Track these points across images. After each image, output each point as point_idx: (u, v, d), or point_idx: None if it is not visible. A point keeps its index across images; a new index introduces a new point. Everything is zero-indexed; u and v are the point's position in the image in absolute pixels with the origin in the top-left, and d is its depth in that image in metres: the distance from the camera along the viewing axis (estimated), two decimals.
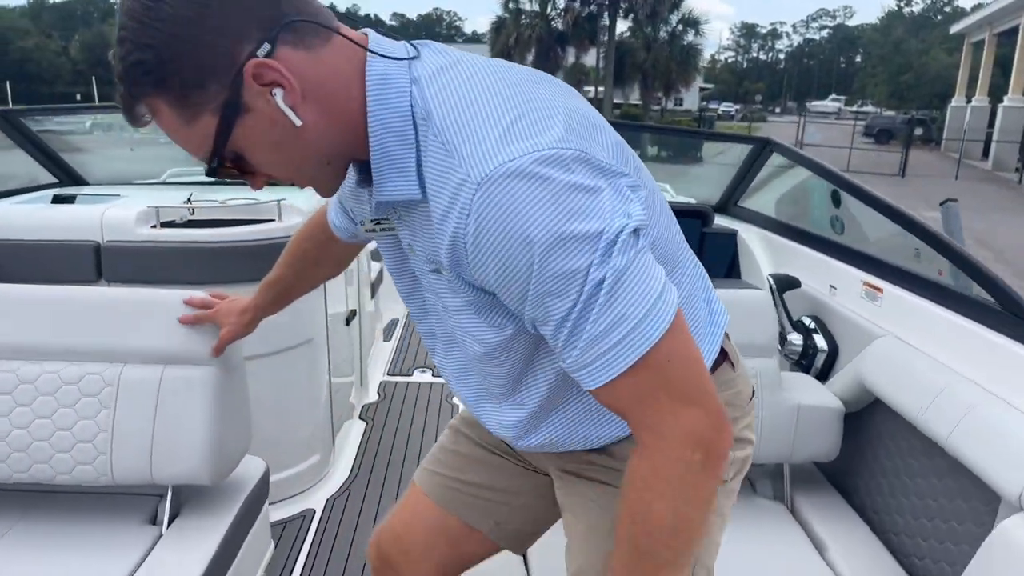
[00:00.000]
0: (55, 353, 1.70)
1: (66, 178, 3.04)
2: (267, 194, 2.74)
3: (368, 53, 0.84)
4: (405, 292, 1.10)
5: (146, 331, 1.72)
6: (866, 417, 1.96)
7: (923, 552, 1.69)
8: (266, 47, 0.77)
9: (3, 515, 1.73)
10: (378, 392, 3.79)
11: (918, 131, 33.82)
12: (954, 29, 33.15)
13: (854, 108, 71.70)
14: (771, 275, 2.36)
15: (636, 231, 0.78)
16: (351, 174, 0.95)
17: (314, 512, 2.70)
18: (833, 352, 2.15)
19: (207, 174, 0.87)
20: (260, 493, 1.94)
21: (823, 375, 2.16)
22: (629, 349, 0.78)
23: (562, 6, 35.30)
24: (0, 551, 1.60)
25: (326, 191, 0.93)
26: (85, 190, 2.88)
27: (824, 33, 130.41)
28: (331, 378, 2.92)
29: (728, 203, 3.08)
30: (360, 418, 3.48)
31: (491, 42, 35.92)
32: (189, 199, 2.53)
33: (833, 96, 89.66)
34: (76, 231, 2.38)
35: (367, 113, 0.83)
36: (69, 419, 1.67)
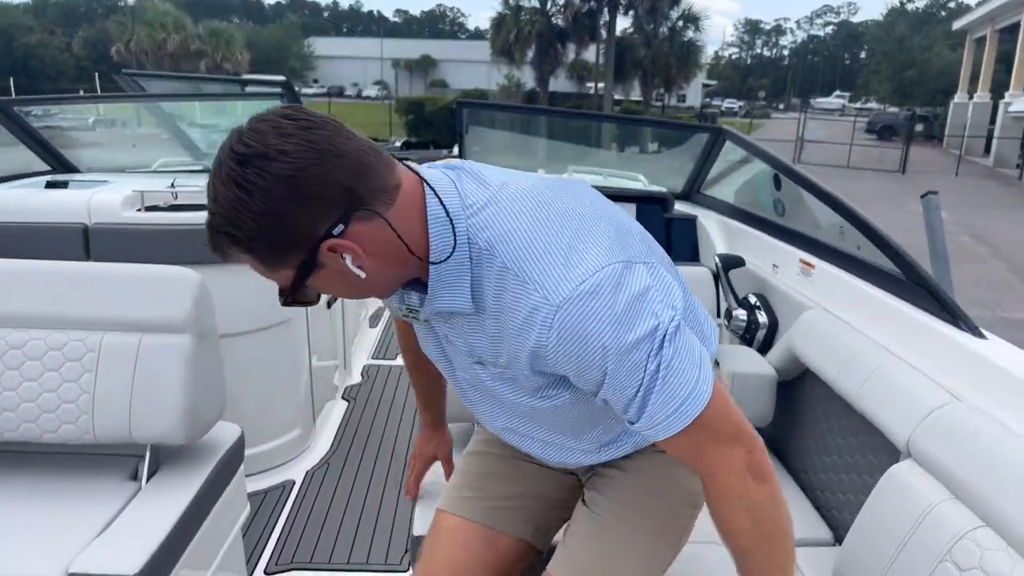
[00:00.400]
0: (42, 321, 1.84)
1: (59, 166, 3.19)
2: None
3: (426, 194, 1.01)
4: (432, 352, 1.27)
5: (125, 302, 1.86)
6: (798, 385, 2.10)
7: (841, 505, 1.82)
8: (340, 227, 0.93)
9: None
10: (362, 374, 3.93)
11: (920, 127, 33.89)
12: (956, 25, 33.16)
13: (858, 105, 71.68)
14: (717, 255, 2.51)
15: (679, 324, 0.99)
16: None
17: (294, 483, 2.85)
18: (773, 326, 2.29)
19: (282, 304, 1.05)
20: (235, 455, 2.08)
21: (764, 348, 2.30)
22: (684, 417, 1.01)
23: (562, 2, 35.37)
24: None
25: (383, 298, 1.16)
26: (77, 177, 3.03)
27: (828, 29, 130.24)
28: (311, 357, 3.07)
29: (691, 191, 3.22)
30: (343, 398, 3.62)
31: (491, 39, 36.07)
32: (172, 184, 2.68)
33: (837, 93, 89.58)
34: (66, 214, 2.53)
35: (430, 249, 1.00)
36: (54, 382, 1.81)
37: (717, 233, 2.86)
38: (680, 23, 36.19)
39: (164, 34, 41.27)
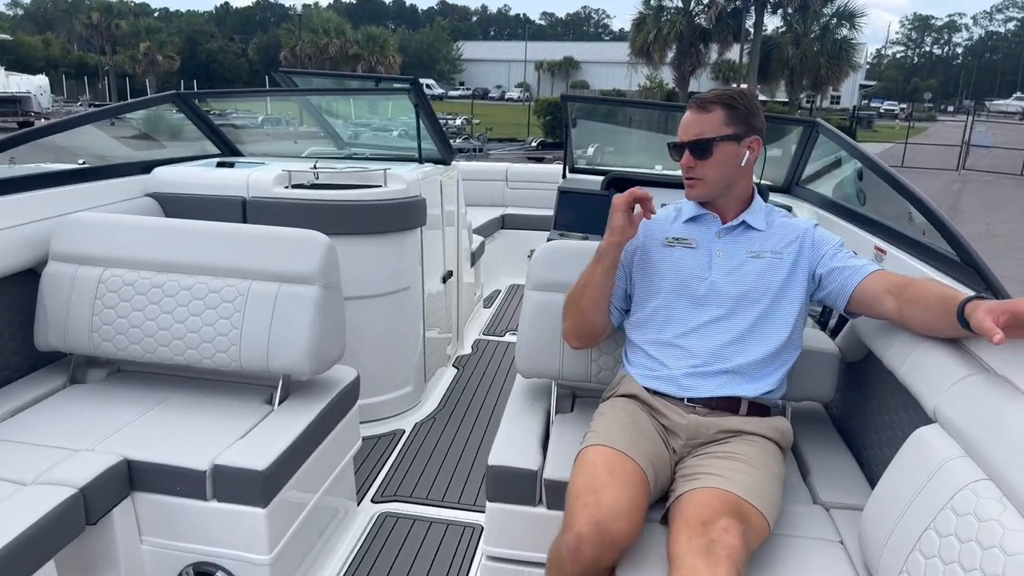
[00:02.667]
0: (205, 269, 2.29)
1: (228, 150, 3.75)
2: (375, 164, 3.29)
3: None
4: (687, 287, 1.92)
5: (268, 257, 2.27)
6: (863, 366, 2.18)
7: None
8: (758, 138, 1.87)
9: (165, 387, 2.35)
10: (472, 347, 4.28)
11: None
12: None
13: None
14: None
15: None
16: (689, 211, 1.99)
17: (403, 432, 3.23)
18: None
19: (688, 148, 1.87)
20: (351, 393, 2.45)
21: (836, 331, 2.38)
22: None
23: (706, 1, 34.55)
24: (162, 412, 2.20)
25: (694, 197, 1.95)
26: (241, 160, 3.56)
27: (1011, 26, 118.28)
28: (425, 323, 3.44)
29: (791, 183, 3.29)
30: (453, 366, 3.99)
31: (631, 39, 35.87)
32: (315, 166, 3.12)
33: (1018, 95, 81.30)
34: (230, 188, 3.03)
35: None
36: (212, 318, 2.25)
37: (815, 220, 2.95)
38: (834, 21, 34.41)
39: (326, 39, 44.34)
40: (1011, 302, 1.42)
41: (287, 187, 3.05)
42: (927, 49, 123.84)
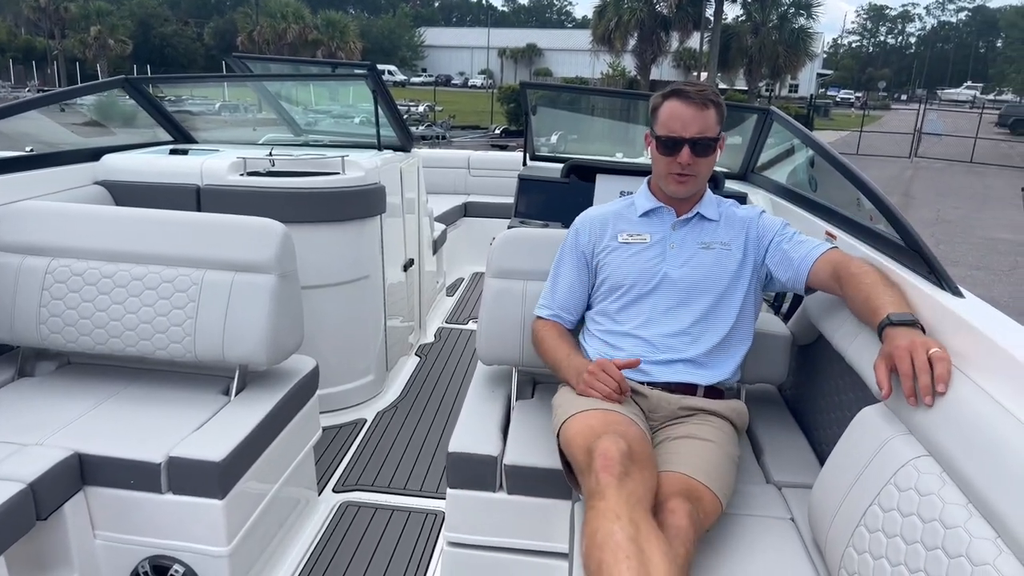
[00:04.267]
0: (158, 258, 2.25)
1: (181, 137, 3.67)
2: (333, 151, 3.26)
3: None
4: (642, 280, 1.94)
5: (223, 246, 2.24)
6: (814, 348, 2.24)
7: None
8: (725, 135, 1.98)
9: (117, 379, 2.30)
10: (435, 336, 4.28)
11: None
12: None
13: (991, 96, 66.67)
14: None
15: None
16: (643, 204, 2.02)
17: (365, 421, 3.21)
18: (799, 295, 2.42)
19: (691, 146, 1.89)
20: (310, 382, 2.43)
21: (788, 315, 2.43)
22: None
23: None
24: (114, 405, 2.16)
25: (684, 193, 1.96)
26: (195, 146, 3.49)
27: (962, 16, 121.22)
28: (386, 312, 3.42)
29: (747, 171, 3.34)
30: (416, 354, 3.98)
31: (593, 27, 35.90)
32: (271, 153, 3.07)
33: (968, 84, 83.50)
34: (183, 175, 2.96)
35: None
36: (165, 308, 2.21)
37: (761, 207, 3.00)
38: (791, 10, 34.85)
39: (285, 24, 43.48)
40: (897, 357, 1.45)
41: (242, 174, 3.00)
42: (882, 39, 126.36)
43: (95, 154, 3.07)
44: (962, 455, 1.26)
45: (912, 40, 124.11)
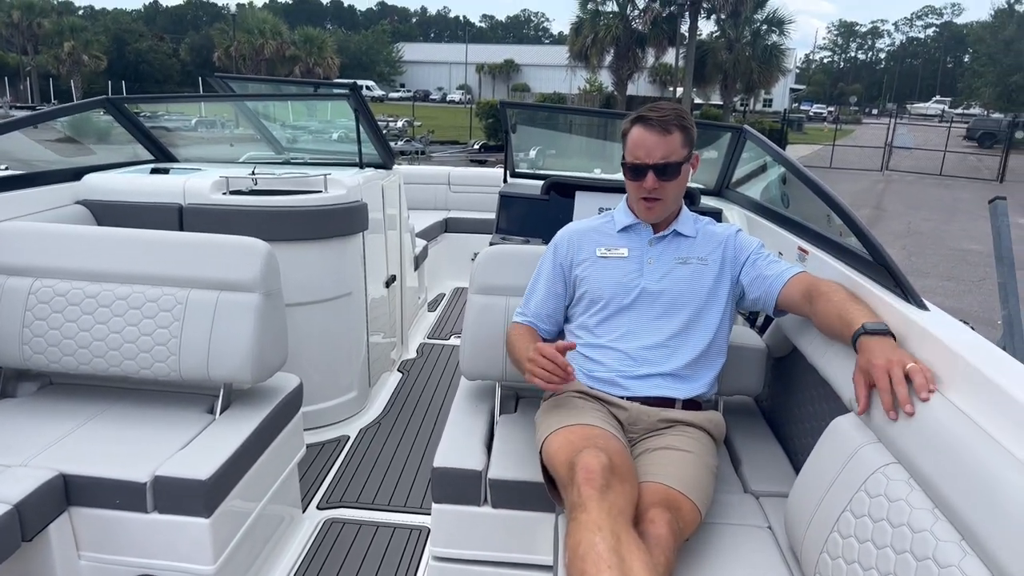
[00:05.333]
0: (142, 278, 2.26)
1: (162, 156, 3.68)
2: (315, 169, 3.29)
3: None
4: (620, 294, 1.99)
5: (207, 265, 2.25)
6: (788, 361, 2.30)
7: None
8: (698, 154, 2.02)
9: (100, 399, 2.30)
10: (417, 351, 4.30)
11: (1023, 135, 32.07)
12: None
13: (959, 110, 68.12)
14: None
15: None
16: (622, 220, 2.07)
17: (348, 437, 3.22)
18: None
19: (655, 171, 1.94)
20: (294, 400, 2.44)
21: (764, 328, 2.50)
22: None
23: (642, 6, 35.20)
24: (99, 425, 2.16)
25: (653, 219, 2.02)
26: (176, 165, 3.50)
27: (930, 32, 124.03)
28: (369, 329, 3.44)
29: (722, 187, 3.42)
30: (398, 370, 3.99)
31: (570, 43, 36.26)
32: (253, 172, 3.09)
33: (937, 98, 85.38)
34: (165, 195, 2.97)
35: None
36: (149, 327, 2.22)
37: (738, 225, 3.07)
38: (764, 27, 35.48)
39: (262, 40, 43.39)
40: (876, 376, 1.50)
41: (225, 193, 3.02)
42: (852, 54, 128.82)
43: (76, 174, 3.07)
44: (927, 462, 1.31)
45: (882, 55, 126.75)
